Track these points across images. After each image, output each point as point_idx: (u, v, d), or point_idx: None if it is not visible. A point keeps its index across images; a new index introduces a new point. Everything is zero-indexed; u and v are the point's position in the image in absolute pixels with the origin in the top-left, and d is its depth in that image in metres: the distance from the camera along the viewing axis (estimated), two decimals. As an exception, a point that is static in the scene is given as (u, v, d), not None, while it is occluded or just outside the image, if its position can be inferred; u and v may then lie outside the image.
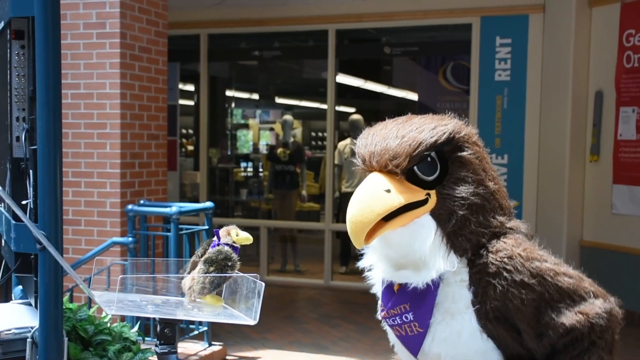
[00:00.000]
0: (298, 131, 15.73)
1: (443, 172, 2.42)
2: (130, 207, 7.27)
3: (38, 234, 2.52)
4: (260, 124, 16.31)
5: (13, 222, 2.72)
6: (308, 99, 16.47)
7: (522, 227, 2.57)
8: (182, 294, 3.28)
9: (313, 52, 12.65)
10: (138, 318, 6.29)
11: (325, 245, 11.40)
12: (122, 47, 7.57)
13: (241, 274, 3.16)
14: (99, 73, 7.60)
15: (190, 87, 13.44)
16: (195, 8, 11.74)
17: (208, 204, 7.70)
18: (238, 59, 13.77)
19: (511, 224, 2.53)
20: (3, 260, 3.29)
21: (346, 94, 13.61)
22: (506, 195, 2.59)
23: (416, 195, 2.38)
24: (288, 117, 13.57)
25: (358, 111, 12.74)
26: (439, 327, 2.47)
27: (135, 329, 3.73)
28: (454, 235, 2.40)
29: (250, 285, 3.12)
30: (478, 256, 2.43)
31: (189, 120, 13.83)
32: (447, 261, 2.40)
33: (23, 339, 2.72)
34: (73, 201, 7.64)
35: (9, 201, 2.69)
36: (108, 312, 3.15)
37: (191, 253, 6.99)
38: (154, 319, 6.17)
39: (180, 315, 3.26)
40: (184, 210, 7.28)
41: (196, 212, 8.39)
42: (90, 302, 6.46)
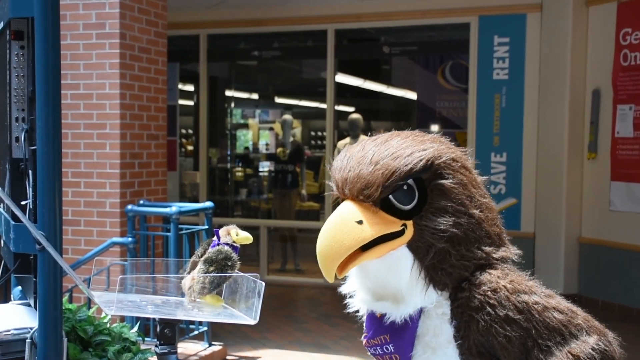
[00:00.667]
0: (298, 131, 15.71)
1: (422, 201, 2.23)
2: (129, 207, 7.27)
3: (37, 235, 2.52)
4: (259, 124, 16.28)
5: (12, 223, 2.72)
6: (307, 99, 16.46)
7: (513, 256, 2.37)
8: (182, 294, 3.28)
9: (312, 52, 12.67)
10: (138, 318, 6.29)
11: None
12: (122, 48, 7.57)
13: (241, 274, 3.16)
14: (99, 73, 7.60)
15: (189, 87, 13.43)
16: (194, 8, 11.75)
17: (208, 204, 7.70)
18: (237, 59, 13.77)
19: (499, 254, 2.33)
20: (2, 260, 3.29)
21: (345, 94, 13.61)
22: (496, 220, 2.39)
23: (391, 226, 2.20)
24: (287, 117, 13.56)
25: (357, 110, 12.72)
26: None
27: (135, 330, 3.73)
28: (433, 269, 2.22)
29: (250, 284, 3.12)
30: (460, 289, 2.25)
31: (189, 120, 13.83)
32: (426, 296, 2.24)
33: (22, 340, 2.71)
34: (73, 201, 7.64)
35: (9, 202, 2.69)
36: (108, 313, 3.15)
37: (191, 253, 7.00)
38: (154, 319, 6.17)
39: (180, 315, 3.26)
40: (184, 210, 7.28)
41: (196, 212, 8.39)
42: (89, 303, 6.46)
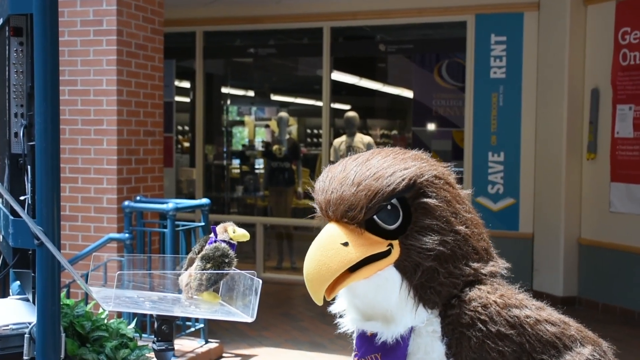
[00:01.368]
0: (294, 128, 15.72)
1: (407, 220, 2.20)
2: (126, 204, 7.28)
3: (36, 230, 2.53)
4: (255, 121, 16.30)
5: (11, 218, 2.73)
6: (303, 96, 16.47)
7: (501, 270, 2.34)
8: (179, 291, 3.29)
9: (308, 50, 12.69)
10: (135, 314, 6.30)
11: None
12: (119, 44, 7.58)
13: (238, 271, 3.17)
14: (96, 70, 7.61)
15: (186, 84, 13.44)
16: (190, 6, 11.75)
17: (204, 201, 7.72)
18: (233, 57, 13.78)
19: (487, 270, 2.29)
20: (1, 255, 3.30)
21: (341, 92, 13.62)
22: (483, 235, 2.35)
23: (377, 246, 2.18)
24: (283, 114, 13.59)
25: (353, 108, 12.73)
26: None
27: (132, 326, 3.74)
28: (422, 288, 2.20)
29: (247, 282, 3.13)
30: (450, 306, 2.23)
31: (185, 117, 13.83)
32: (416, 315, 2.21)
33: (20, 335, 2.72)
34: (70, 197, 7.65)
35: (8, 197, 2.69)
36: (105, 308, 3.16)
37: (187, 249, 7.02)
38: (151, 316, 6.19)
39: (177, 312, 3.27)
40: (180, 206, 7.29)
41: (192, 209, 8.40)
42: (87, 298, 6.47)
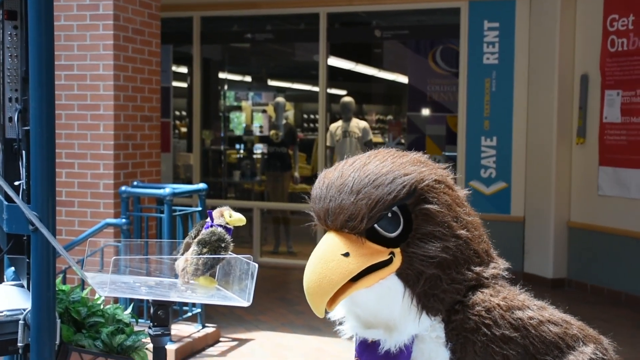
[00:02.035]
0: (290, 113, 15.72)
1: (407, 226, 2.16)
2: (123, 189, 7.26)
3: (30, 215, 2.52)
4: (252, 106, 16.30)
5: (5, 203, 2.71)
6: (300, 82, 16.49)
7: (502, 271, 2.31)
8: (176, 276, 3.28)
9: (304, 35, 12.68)
10: (131, 300, 6.29)
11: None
12: (116, 29, 7.55)
13: (235, 256, 3.16)
14: (93, 55, 7.58)
15: (183, 70, 13.43)
16: (187, -10, 11.73)
17: (201, 186, 7.71)
18: (230, 42, 13.77)
19: (489, 272, 2.26)
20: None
21: (337, 77, 13.62)
22: (483, 236, 2.32)
23: (378, 255, 2.14)
24: (280, 100, 13.58)
25: (349, 94, 12.74)
26: None
27: (128, 311, 3.73)
28: (425, 296, 2.17)
29: (243, 266, 3.12)
30: (453, 311, 2.20)
31: (182, 102, 13.82)
32: (420, 323, 2.18)
33: (15, 321, 2.70)
34: (66, 182, 7.64)
35: (2, 182, 2.68)
36: (101, 294, 3.15)
37: (184, 234, 7.00)
38: (147, 301, 6.19)
39: (173, 297, 3.26)
40: (178, 191, 7.28)
41: (189, 194, 8.39)
42: (83, 284, 6.46)
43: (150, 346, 3.36)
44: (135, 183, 7.59)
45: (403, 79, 12.84)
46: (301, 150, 13.75)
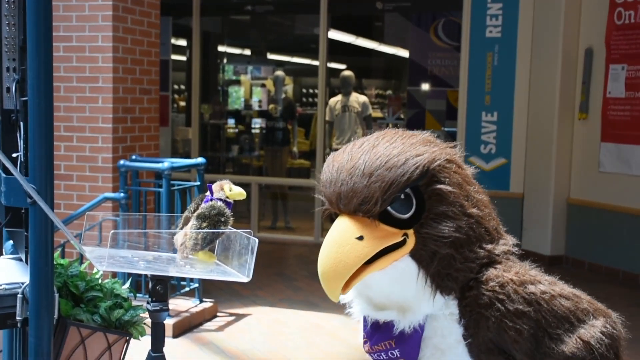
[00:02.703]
0: (289, 88, 15.68)
1: (420, 208, 2.15)
2: (122, 163, 7.22)
3: (28, 188, 2.49)
4: (252, 80, 16.25)
5: (3, 176, 2.68)
6: (300, 56, 16.44)
7: (512, 247, 2.32)
8: (174, 250, 3.25)
9: (305, 7, 12.61)
10: (129, 274, 6.28)
11: (315, 202, 11.36)
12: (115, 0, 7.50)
13: (235, 230, 3.13)
14: (91, 26, 7.52)
15: (182, 42, 13.36)
16: (187, -39, 11.66)
17: (200, 160, 7.67)
18: (230, 14, 13.70)
19: (500, 249, 2.28)
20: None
21: (338, 51, 13.57)
22: (492, 214, 2.33)
23: (392, 238, 2.13)
24: (280, 74, 13.52)
25: (349, 68, 12.68)
26: None
27: (126, 286, 3.71)
28: (439, 275, 2.17)
29: (243, 241, 3.09)
30: (467, 288, 2.21)
31: (181, 75, 13.78)
32: (434, 303, 2.19)
33: (13, 295, 2.68)
34: (65, 156, 7.60)
35: (-1, 154, 2.65)
36: (99, 268, 3.13)
37: (183, 209, 6.97)
38: (146, 276, 6.16)
39: (172, 271, 3.23)
40: (176, 166, 7.25)
41: (188, 168, 8.36)
42: (81, 258, 6.44)
43: (148, 321, 3.35)
44: (133, 157, 7.55)
45: (404, 53, 12.79)
46: (300, 125, 13.73)
